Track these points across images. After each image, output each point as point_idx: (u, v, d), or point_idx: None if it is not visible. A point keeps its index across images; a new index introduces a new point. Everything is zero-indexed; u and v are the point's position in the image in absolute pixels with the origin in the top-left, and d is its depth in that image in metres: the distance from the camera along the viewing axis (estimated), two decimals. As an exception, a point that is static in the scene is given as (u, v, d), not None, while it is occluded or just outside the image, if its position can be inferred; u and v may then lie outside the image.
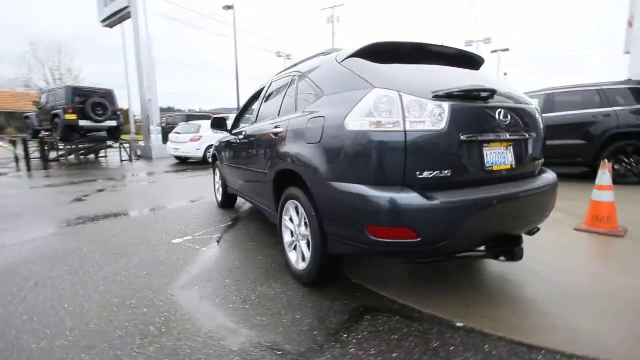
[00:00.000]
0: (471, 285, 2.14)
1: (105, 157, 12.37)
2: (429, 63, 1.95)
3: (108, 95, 10.69)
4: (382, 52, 1.89)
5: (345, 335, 1.64)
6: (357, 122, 1.59)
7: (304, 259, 2.17)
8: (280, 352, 1.52)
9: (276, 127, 2.37)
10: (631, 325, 1.69)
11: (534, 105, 2.03)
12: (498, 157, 1.75)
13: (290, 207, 2.25)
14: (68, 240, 3.16)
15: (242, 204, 4.63)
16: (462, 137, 1.59)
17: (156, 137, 12.67)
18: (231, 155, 3.67)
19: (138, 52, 11.79)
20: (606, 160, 2.96)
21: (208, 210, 4.26)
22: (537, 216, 1.89)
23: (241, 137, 3.21)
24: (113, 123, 10.81)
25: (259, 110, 3.04)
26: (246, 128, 3.21)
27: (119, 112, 11.07)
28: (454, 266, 2.41)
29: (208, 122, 11.31)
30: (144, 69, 11.85)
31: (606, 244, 2.79)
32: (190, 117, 14.77)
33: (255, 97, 3.70)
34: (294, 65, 2.93)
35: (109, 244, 3.02)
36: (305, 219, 2.04)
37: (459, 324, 1.70)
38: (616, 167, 4.97)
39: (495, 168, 1.73)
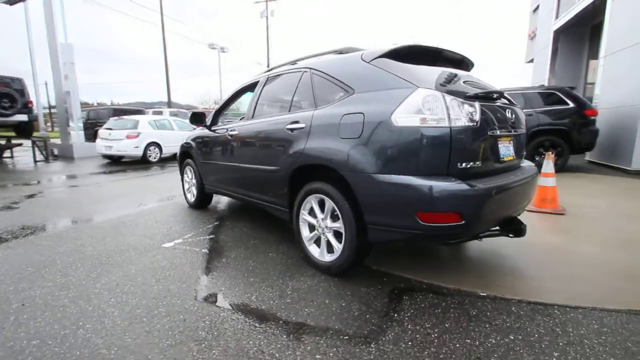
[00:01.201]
0: (473, 262, 2.47)
1: (12, 157, 10.42)
2: (440, 65, 2.18)
3: (16, 84, 8.99)
4: (406, 54, 2.06)
5: (395, 315, 1.78)
6: (405, 118, 1.73)
7: (329, 251, 2.24)
8: (346, 337, 1.60)
9: (294, 122, 2.37)
10: (603, 286, 2.16)
11: (518, 105, 2.42)
12: (506, 149, 2.06)
13: (312, 202, 2.30)
14: (28, 253, 2.69)
15: (216, 203, 4.43)
16: (489, 132, 1.85)
17: (77, 133, 11.09)
18: (215, 153, 3.50)
19: (52, 36, 10.12)
20: (550, 153, 3.62)
21: (181, 212, 3.99)
22: (528, 199, 2.27)
23: (233, 133, 3.10)
24: (23, 117, 9.15)
25: (255, 106, 2.97)
26: (239, 124, 3.10)
27: (31, 105, 9.40)
28: (448, 248, 2.72)
29: (146, 117, 10.35)
30: (61, 56, 10.23)
31: (554, 221, 3.42)
32: (119, 111, 13.21)
33: (237, 94, 3.58)
34: (293, 62, 2.95)
35: (86, 254, 2.66)
36: (335, 212, 2.12)
37: (483, 294, 1.98)
38: (536, 158, 6.00)
39: (505, 159, 2.04)
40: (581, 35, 9.09)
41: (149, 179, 6.70)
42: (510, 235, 2.12)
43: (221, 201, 4.57)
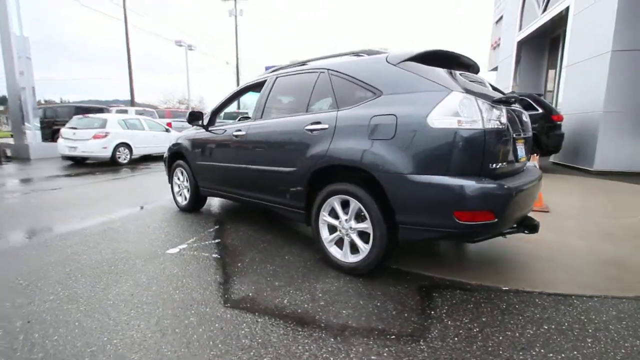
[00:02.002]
0: (482, 257, 2.58)
1: (-47, 159, 9.29)
2: (457, 69, 2.27)
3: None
4: (430, 58, 2.12)
5: (432, 312, 1.82)
6: (442, 120, 1.78)
7: (354, 252, 2.24)
8: (393, 337, 1.61)
9: (314, 123, 2.35)
10: (595, 276, 2.35)
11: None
12: (521, 150, 2.19)
13: (335, 203, 2.29)
14: (14, 265, 2.42)
15: (208, 206, 4.26)
16: (514, 135, 1.95)
17: (34, 133, 10.16)
18: (215, 154, 3.37)
19: (4, 27, 9.19)
20: (535, 154, 3.89)
21: (173, 216, 3.79)
22: (536, 198, 2.42)
23: (240, 133, 3.00)
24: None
25: (264, 106, 2.90)
26: (246, 124, 3.01)
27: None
28: (452, 245, 2.83)
29: (115, 116, 9.71)
30: (15, 50, 9.32)
31: (541, 218, 3.66)
32: (82, 109, 12.25)
33: (238, 94, 3.49)
34: (302, 63, 2.92)
35: (83, 264, 2.45)
36: (362, 212, 2.12)
37: (505, 288, 2.08)
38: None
39: (521, 160, 2.16)
40: (541, 46, 9.88)
41: (122, 182, 6.29)
42: (526, 231, 2.26)
43: (212, 204, 4.40)
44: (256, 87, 3.37)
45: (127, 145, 8.94)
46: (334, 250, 2.35)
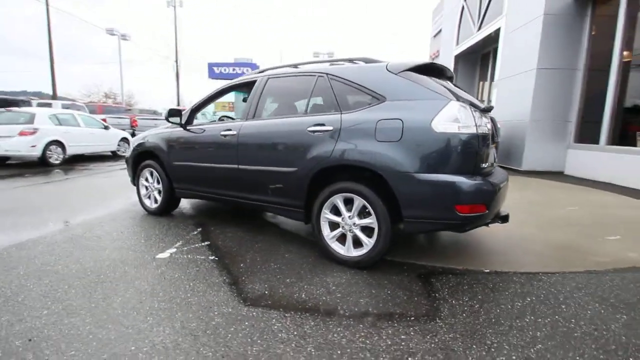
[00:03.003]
0: (457, 246, 2.92)
1: None
2: (442, 79, 2.55)
3: None
4: (423, 69, 2.37)
5: (436, 295, 2.05)
6: (444, 125, 2.02)
7: (356, 246, 2.39)
8: (413, 317, 1.80)
9: (317, 124, 2.45)
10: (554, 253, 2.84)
11: None
12: (494, 154, 2.55)
13: (338, 201, 2.41)
14: (-26, 281, 2.10)
15: (182, 208, 4.06)
16: (496, 139, 2.28)
17: None
18: (197, 154, 3.25)
19: None
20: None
21: (143, 220, 3.55)
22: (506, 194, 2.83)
23: (229, 133, 2.95)
24: None
25: (256, 106, 2.90)
26: (237, 124, 2.96)
27: None
28: (430, 237, 3.15)
29: (45, 110, 8.53)
30: None
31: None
32: (1, 102, 10.43)
33: (220, 93, 3.41)
34: (294, 66, 2.99)
35: (62, 274, 2.22)
36: (367, 209, 2.28)
37: (486, 270, 2.41)
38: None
39: (495, 162, 2.53)
40: (474, 61, 11.16)
41: (63, 185, 5.61)
42: (499, 221, 2.62)
43: (182, 206, 4.20)
44: (241, 87, 3.34)
45: (59, 144, 7.94)
46: (335, 247, 2.47)
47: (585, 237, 3.13)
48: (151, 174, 3.77)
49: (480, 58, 10.80)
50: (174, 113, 3.31)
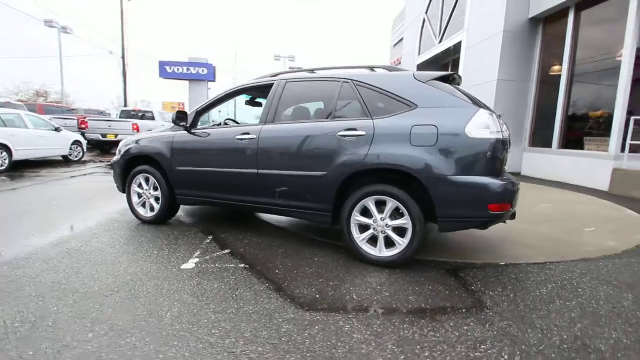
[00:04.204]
0: (467, 242, 3.16)
1: None
2: (453, 85, 2.75)
3: None
4: (445, 78, 2.56)
5: (472, 288, 2.22)
6: (477, 131, 2.20)
7: (388, 247, 2.49)
8: (464, 310, 1.93)
9: (349, 129, 2.50)
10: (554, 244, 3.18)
11: None
12: (504, 156, 2.82)
13: (370, 204, 2.49)
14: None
15: (179, 216, 3.84)
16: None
17: None
18: (209, 158, 3.12)
19: None
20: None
21: (142, 231, 3.30)
22: None
23: (248, 137, 2.88)
24: None
25: (276, 110, 2.88)
26: (255, 128, 2.89)
27: None
28: (438, 235, 3.36)
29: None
30: None
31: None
32: None
33: (229, 96, 3.32)
34: (311, 71, 3.03)
35: (84, 292, 2.02)
36: (401, 210, 2.39)
37: (502, 263, 2.65)
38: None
39: (505, 163, 2.79)
40: (436, 70, 11.98)
41: (17, 195, 4.98)
42: (511, 218, 2.87)
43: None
44: (252, 90, 3.29)
45: (5, 148, 7.00)
46: (367, 248, 2.55)
47: (567, 230, 3.56)
48: (146, 181, 3.52)
49: (440, 68, 11.60)
50: (181, 116, 3.15)
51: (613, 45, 5.98)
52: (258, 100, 3.95)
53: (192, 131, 3.26)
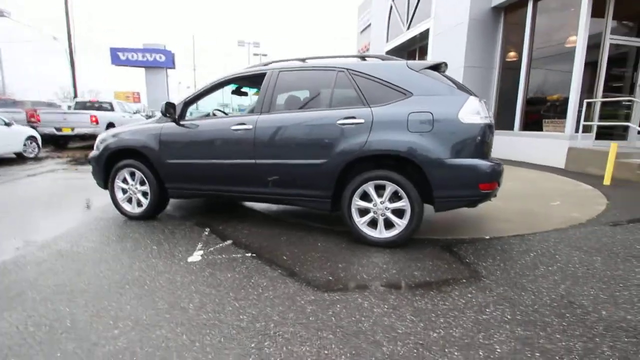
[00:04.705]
0: (451, 220, 3.40)
1: None
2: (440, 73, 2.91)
3: None
4: (436, 67, 2.70)
5: (467, 260, 2.43)
6: (469, 117, 2.37)
7: (387, 228, 2.64)
8: (464, 280, 2.13)
9: (348, 117, 2.58)
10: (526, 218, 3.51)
11: None
12: (485, 139, 3.05)
13: (369, 188, 2.61)
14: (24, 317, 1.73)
15: (166, 211, 3.74)
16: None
17: None
18: (202, 150, 3.05)
19: None
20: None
21: (131, 227, 3.20)
22: None
23: (244, 127, 2.86)
24: None
25: (270, 100, 2.87)
26: (251, 118, 2.87)
27: None
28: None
29: None
30: None
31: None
32: None
33: (218, 86, 3.24)
34: (302, 60, 3.04)
35: (97, 291, 1.98)
36: (399, 193, 2.54)
37: (487, 237, 2.91)
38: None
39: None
40: (403, 57, 12.26)
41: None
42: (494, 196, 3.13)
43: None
44: (243, 79, 3.25)
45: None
46: (367, 230, 2.68)
47: (536, 204, 3.94)
48: (132, 175, 3.39)
49: (408, 55, 11.91)
50: (170, 107, 3.05)
51: (568, 32, 6.51)
52: (244, 90, 3.90)
53: (181, 123, 3.17)
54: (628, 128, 6.41)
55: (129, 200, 3.47)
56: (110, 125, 11.65)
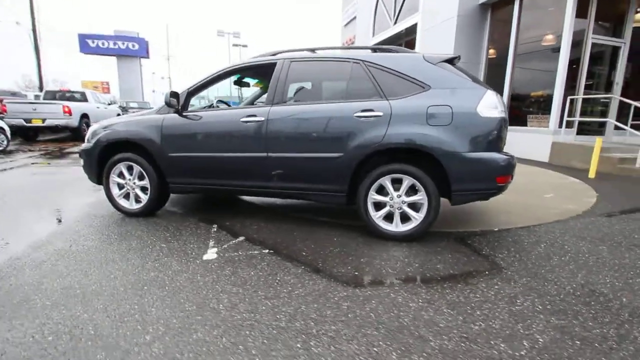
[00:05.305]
0: (457, 213, 3.46)
1: None
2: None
3: None
4: (452, 60, 2.70)
5: (483, 252, 2.48)
6: (488, 110, 2.40)
7: (403, 222, 2.64)
8: (486, 272, 2.16)
9: (366, 110, 2.54)
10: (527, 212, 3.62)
11: None
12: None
13: (386, 182, 2.59)
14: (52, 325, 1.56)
15: (165, 207, 3.57)
16: (506, 121, 2.80)
17: None
18: (214, 143, 2.90)
19: None
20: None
21: (131, 224, 3.03)
22: None
23: (255, 119, 2.75)
24: None
25: (282, 91, 2.77)
26: (263, 109, 2.76)
27: None
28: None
29: None
30: None
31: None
32: None
33: (223, 76, 3.09)
34: (312, 50, 2.96)
35: (113, 294, 1.85)
36: (417, 187, 2.54)
37: (496, 229, 2.98)
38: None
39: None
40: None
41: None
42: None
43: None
44: (253, 69, 3.13)
45: None
46: (383, 224, 2.67)
47: (530, 197, 4.08)
48: (129, 169, 3.20)
49: (393, 49, 11.98)
50: (174, 97, 2.88)
51: (552, 30, 6.75)
52: (246, 80, 3.76)
53: (184, 114, 3.01)
54: (605, 124, 6.78)
55: (126, 196, 3.28)
56: (84, 116, 11.03)
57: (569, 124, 6.43)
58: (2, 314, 1.67)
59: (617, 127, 6.37)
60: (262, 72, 3.08)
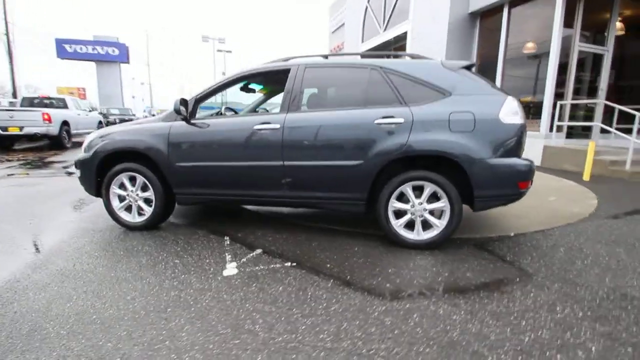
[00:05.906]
0: (470, 220, 3.46)
1: None
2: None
3: None
4: (469, 66, 2.70)
5: (507, 259, 2.46)
6: (509, 117, 2.40)
7: (425, 229, 2.59)
8: (517, 280, 2.14)
9: (387, 116, 2.49)
10: (538, 216, 3.66)
11: None
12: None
13: (407, 189, 2.55)
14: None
15: (169, 219, 3.39)
16: (521, 127, 2.82)
17: None
18: (227, 151, 2.78)
19: None
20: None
21: (135, 238, 2.85)
22: None
23: (271, 127, 2.65)
24: None
25: (298, 98, 2.69)
26: (278, 117, 2.67)
27: None
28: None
29: None
30: None
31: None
32: None
33: (232, 83, 2.99)
34: (324, 57, 2.91)
35: (137, 315, 1.70)
36: (438, 194, 2.50)
37: (512, 234, 2.98)
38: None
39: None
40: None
41: None
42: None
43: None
44: (264, 75, 3.04)
45: None
46: (404, 233, 2.62)
47: (534, 200, 4.13)
48: (131, 180, 3.03)
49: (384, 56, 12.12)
50: (183, 104, 2.74)
51: (539, 38, 6.99)
52: (252, 86, 3.65)
53: (193, 121, 2.88)
54: (591, 128, 7.04)
55: (128, 209, 3.10)
56: (65, 124, 10.54)
57: (559, 128, 6.63)
58: (12, 347, 1.50)
59: (602, 130, 6.62)
60: (274, 79, 3.00)
